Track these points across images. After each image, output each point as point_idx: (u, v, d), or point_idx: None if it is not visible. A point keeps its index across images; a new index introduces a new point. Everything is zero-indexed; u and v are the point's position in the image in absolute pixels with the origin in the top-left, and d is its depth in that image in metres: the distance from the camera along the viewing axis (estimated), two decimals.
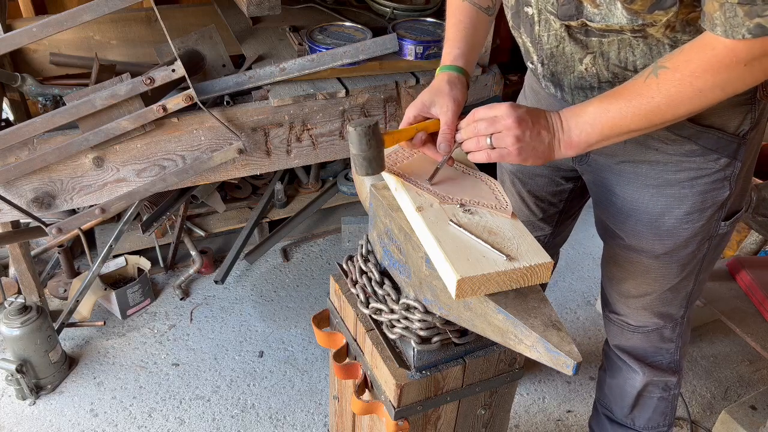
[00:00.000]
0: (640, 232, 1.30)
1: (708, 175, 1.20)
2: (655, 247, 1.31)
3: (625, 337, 1.56)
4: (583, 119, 1.02)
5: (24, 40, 1.55)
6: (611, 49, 1.07)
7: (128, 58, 2.28)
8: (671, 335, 1.53)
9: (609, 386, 1.71)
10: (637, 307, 1.46)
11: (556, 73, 1.18)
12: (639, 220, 1.29)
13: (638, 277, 1.39)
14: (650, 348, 1.56)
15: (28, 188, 1.65)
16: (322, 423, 2.02)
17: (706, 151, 1.17)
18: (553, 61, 1.17)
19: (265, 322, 2.38)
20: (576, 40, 1.10)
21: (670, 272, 1.36)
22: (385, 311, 1.13)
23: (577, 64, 1.13)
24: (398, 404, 1.12)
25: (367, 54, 1.84)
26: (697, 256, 1.34)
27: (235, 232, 2.69)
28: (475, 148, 1.05)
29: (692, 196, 1.22)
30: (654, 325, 1.50)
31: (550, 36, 1.13)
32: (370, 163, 1.06)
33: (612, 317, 1.55)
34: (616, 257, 1.40)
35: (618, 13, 0.98)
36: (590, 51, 1.10)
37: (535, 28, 1.14)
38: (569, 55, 1.13)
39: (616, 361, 1.64)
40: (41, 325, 1.97)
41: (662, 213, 1.25)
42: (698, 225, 1.26)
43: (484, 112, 1.03)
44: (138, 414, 2.02)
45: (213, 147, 1.78)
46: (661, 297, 1.42)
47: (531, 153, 1.04)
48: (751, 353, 2.35)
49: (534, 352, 0.90)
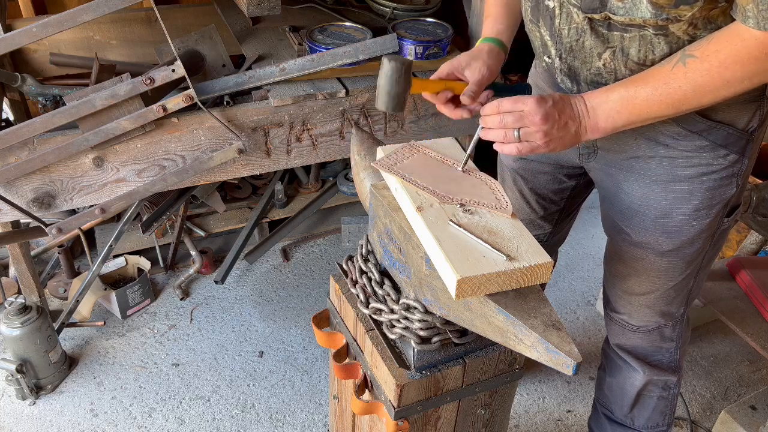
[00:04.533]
0: (648, 229, 1.30)
1: (716, 171, 1.20)
2: (662, 244, 1.31)
3: (626, 336, 1.56)
4: (609, 105, 1.04)
5: (24, 40, 1.55)
6: (632, 45, 1.07)
7: (128, 58, 2.28)
8: (671, 334, 1.54)
9: (609, 385, 1.71)
10: (639, 305, 1.46)
11: (574, 67, 1.18)
12: (647, 216, 1.29)
13: (642, 274, 1.39)
14: (651, 347, 1.56)
15: (28, 188, 1.65)
16: (322, 423, 2.02)
17: (716, 147, 1.17)
18: (572, 56, 1.16)
19: (265, 322, 2.38)
20: (597, 34, 1.09)
21: (675, 269, 1.36)
22: (385, 311, 1.13)
23: (595, 59, 1.13)
24: (398, 404, 1.12)
25: (367, 54, 1.84)
26: (701, 253, 1.35)
27: (235, 232, 2.69)
28: (503, 140, 1.07)
29: (701, 193, 1.22)
30: (655, 324, 1.50)
31: (571, 29, 1.12)
32: (393, 99, 1.07)
33: (613, 316, 1.55)
34: (622, 254, 1.40)
35: (643, 7, 0.98)
36: (610, 46, 1.10)
37: (556, 21, 1.14)
38: (588, 49, 1.13)
39: (616, 360, 1.64)
40: (41, 325, 1.97)
41: (671, 209, 1.25)
42: (705, 222, 1.26)
43: (510, 105, 1.04)
44: (138, 414, 2.02)
45: (213, 147, 1.78)
46: (663, 295, 1.42)
47: (558, 143, 1.07)
48: (751, 353, 2.35)
49: (534, 352, 0.90)
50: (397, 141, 1.98)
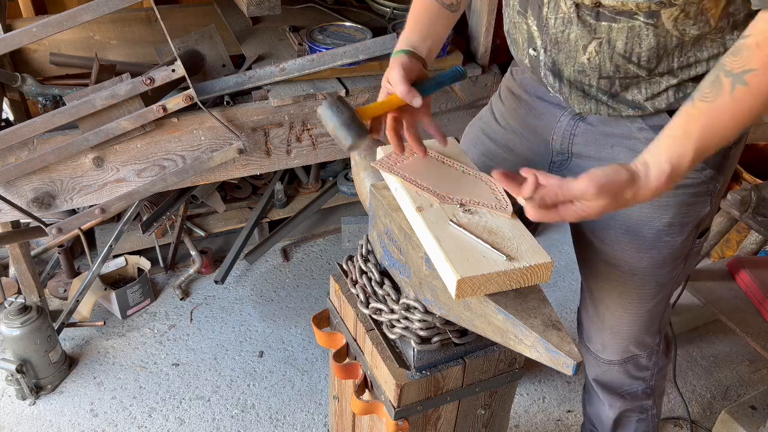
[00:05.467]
0: (620, 242, 1.27)
1: (692, 185, 1.19)
2: (634, 259, 1.28)
3: (601, 370, 1.54)
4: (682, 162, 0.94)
5: (24, 40, 1.55)
6: (619, 37, 1.04)
7: (128, 58, 2.28)
8: (647, 363, 1.52)
9: (588, 411, 1.75)
10: (613, 332, 1.43)
11: (557, 62, 1.15)
12: (619, 228, 1.26)
13: (614, 296, 1.36)
14: (626, 379, 1.54)
15: (28, 188, 1.65)
16: (322, 423, 2.02)
17: None
18: (557, 48, 1.13)
19: (265, 322, 2.38)
20: (584, 24, 1.06)
21: (647, 290, 1.33)
22: (385, 311, 1.13)
23: (580, 52, 1.10)
24: (398, 404, 1.12)
25: (367, 54, 1.84)
26: (672, 275, 1.33)
27: (235, 232, 2.69)
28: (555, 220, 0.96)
29: (675, 207, 1.21)
30: (629, 354, 1.48)
31: (558, 19, 1.09)
32: (348, 128, 1.03)
33: (589, 347, 1.53)
34: (595, 271, 1.37)
35: None
36: (597, 37, 1.07)
37: (543, 10, 1.11)
38: (574, 42, 1.10)
39: (591, 392, 1.66)
40: (41, 325, 1.97)
41: (644, 222, 1.23)
42: (678, 240, 1.25)
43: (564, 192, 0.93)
44: (138, 414, 2.02)
45: (213, 147, 1.78)
46: (637, 320, 1.39)
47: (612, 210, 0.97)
48: (751, 353, 2.35)
49: (534, 352, 0.90)
50: None
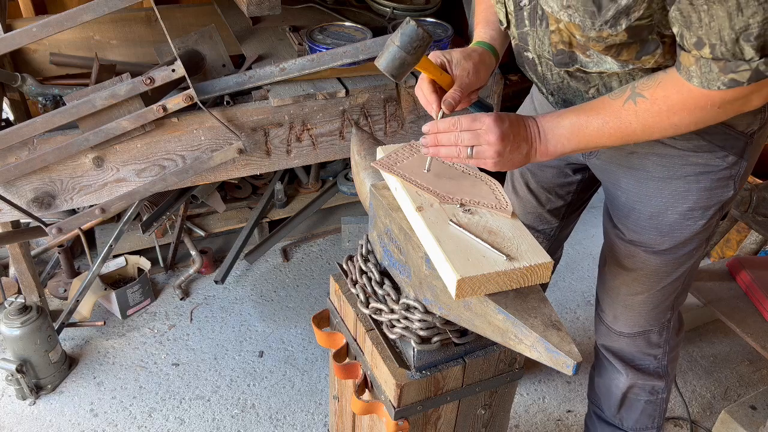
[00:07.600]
0: (642, 227, 1.31)
1: (714, 172, 1.20)
2: (656, 243, 1.31)
3: (611, 339, 1.56)
4: (560, 131, 1.06)
5: (24, 40, 1.55)
6: (612, 81, 1.11)
7: (128, 58, 2.28)
8: (658, 340, 1.54)
9: (597, 385, 1.73)
10: (625, 306, 1.46)
11: (567, 100, 1.22)
12: (642, 213, 1.29)
13: (632, 273, 1.39)
14: (637, 352, 1.56)
15: (28, 188, 1.65)
16: (322, 423, 2.02)
17: (714, 147, 1.18)
18: (561, 92, 1.21)
19: (265, 322, 2.38)
20: (577, 79, 1.14)
21: (666, 271, 1.36)
22: (385, 311, 1.13)
23: (584, 94, 1.17)
24: (398, 404, 1.12)
25: (367, 54, 1.84)
26: (693, 256, 1.35)
27: (235, 232, 2.69)
28: (455, 156, 1.06)
29: (696, 192, 1.22)
30: (640, 329, 1.50)
31: (554, 75, 1.17)
32: (400, 65, 1.01)
33: (602, 316, 1.56)
34: (615, 251, 1.41)
35: (609, 61, 1.04)
36: (593, 85, 1.14)
37: (538, 69, 1.18)
38: (575, 89, 1.17)
39: (602, 360, 1.65)
40: (41, 325, 1.97)
41: (665, 208, 1.26)
42: (700, 224, 1.27)
43: (468, 123, 1.04)
44: (138, 414, 2.02)
45: (213, 147, 1.78)
46: (651, 297, 1.42)
47: (508, 164, 1.07)
48: (751, 353, 2.35)
49: (534, 352, 0.90)
50: (397, 141, 1.98)
